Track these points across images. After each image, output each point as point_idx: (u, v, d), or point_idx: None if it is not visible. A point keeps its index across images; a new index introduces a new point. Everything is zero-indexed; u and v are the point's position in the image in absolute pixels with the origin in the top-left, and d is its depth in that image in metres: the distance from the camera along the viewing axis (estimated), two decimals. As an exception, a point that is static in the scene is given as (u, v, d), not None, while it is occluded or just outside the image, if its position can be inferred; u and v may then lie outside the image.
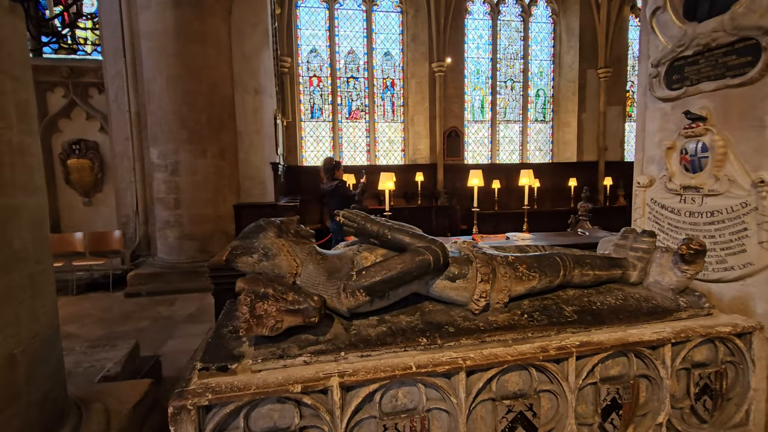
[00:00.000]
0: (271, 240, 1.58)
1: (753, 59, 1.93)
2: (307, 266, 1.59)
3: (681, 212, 2.29)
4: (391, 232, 1.64)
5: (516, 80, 10.48)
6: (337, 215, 1.74)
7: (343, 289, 1.51)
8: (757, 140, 1.93)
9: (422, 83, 9.63)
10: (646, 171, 2.57)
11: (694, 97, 2.22)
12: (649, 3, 2.47)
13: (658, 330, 1.69)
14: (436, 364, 1.43)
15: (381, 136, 10.15)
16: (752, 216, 1.94)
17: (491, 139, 10.46)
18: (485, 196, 9.04)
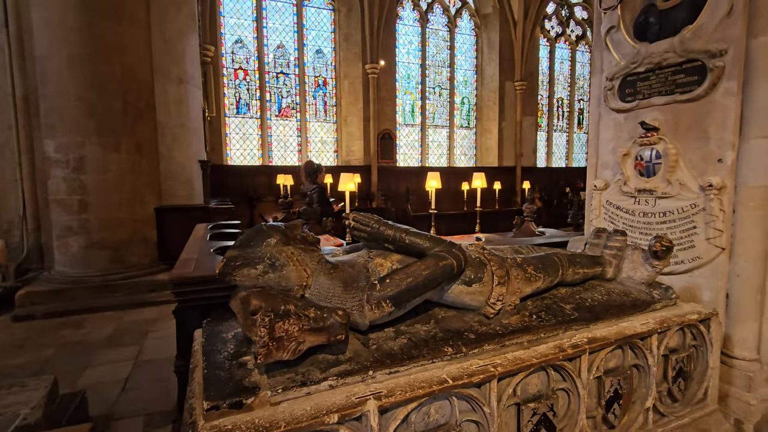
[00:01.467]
0: (278, 248, 1.37)
1: (699, 78, 2.20)
2: (318, 277, 1.41)
3: (635, 213, 2.54)
4: (408, 235, 1.54)
5: (443, 87, 10.95)
6: (347, 218, 1.58)
7: (366, 301, 1.37)
8: (703, 150, 2.21)
9: (355, 84, 9.55)
10: (600, 175, 2.80)
11: (646, 109, 2.47)
12: (604, 21, 2.71)
13: (644, 322, 1.83)
14: (470, 375, 1.36)
15: (313, 136, 9.84)
16: (701, 216, 2.21)
17: (421, 143, 10.78)
18: (421, 197, 9.28)
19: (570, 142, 12.76)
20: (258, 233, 1.39)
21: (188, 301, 1.88)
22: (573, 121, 12.71)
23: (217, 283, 1.92)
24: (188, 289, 1.84)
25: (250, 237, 1.39)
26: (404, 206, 8.65)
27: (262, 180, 8.92)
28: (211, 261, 2.18)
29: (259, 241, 1.36)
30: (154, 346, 3.63)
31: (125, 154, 5.01)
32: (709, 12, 2.14)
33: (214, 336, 1.53)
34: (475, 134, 11.46)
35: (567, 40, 12.25)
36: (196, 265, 2.03)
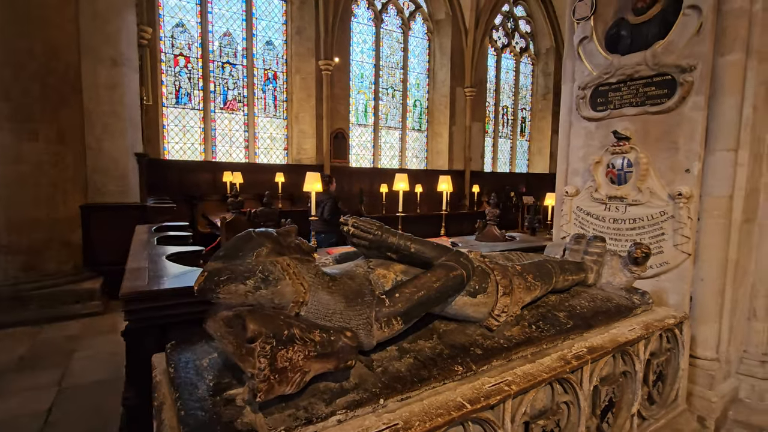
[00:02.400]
0: (272, 259, 1.16)
1: (669, 92, 2.31)
2: (316, 292, 1.22)
3: (606, 219, 2.61)
4: (414, 243, 1.40)
5: (396, 89, 10.96)
6: (345, 224, 1.40)
7: (375, 319, 1.21)
8: (672, 159, 2.32)
9: (308, 80, 9.22)
10: (571, 182, 2.87)
11: (617, 119, 2.55)
12: (576, 31, 2.77)
13: (631, 328, 1.86)
14: (487, 396, 1.25)
15: (261, 132, 9.33)
16: (669, 223, 2.31)
17: (374, 144, 10.68)
18: (374, 199, 9.16)
19: (513, 149, 13.40)
20: (247, 241, 1.17)
21: (143, 321, 1.58)
22: (516, 129, 13.36)
23: (180, 297, 1.64)
24: (143, 306, 1.54)
25: (237, 246, 1.17)
26: (357, 208, 8.48)
27: (205, 177, 8.28)
28: (170, 271, 1.88)
29: (249, 251, 1.15)
30: (81, 369, 3.13)
31: (44, 144, 4.32)
32: (680, 29, 2.24)
33: (186, 364, 1.28)
34: (426, 137, 11.61)
35: (512, 52, 12.86)
36: (151, 277, 1.72)
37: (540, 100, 13.43)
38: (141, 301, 1.52)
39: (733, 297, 2.27)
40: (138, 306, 1.54)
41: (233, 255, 1.14)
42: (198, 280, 1.12)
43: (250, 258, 1.14)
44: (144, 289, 1.53)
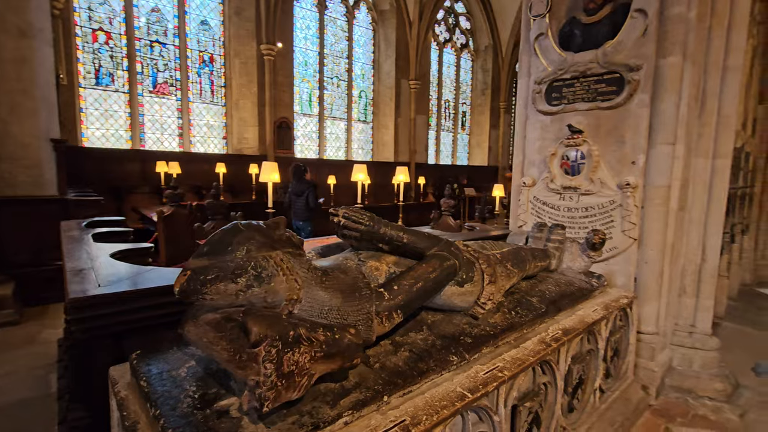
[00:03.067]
0: (264, 254, 1.06)
1: (618, 89, 2.49)
2: (310, 288, 1.15)
3: (560, 208, 2.77)
4: (406, 234, 1.36)
5: (342, 78, 10.75)
6: (335, 215, 1.31)
7: (376, 314, 1.15)
8: (620, 152, 2.51)
9: (249, 65, 8.70)
10: (527, 173, 3.00)
11: (571, 113, 2.70)
12: (533, 28, 2.88)
13: (594, 308, 1.99)
14: (484, 384, 1.26)
15: (197, 119, 8.67)
16: (618, 211, 2.50)
17: (319, 134, 10.42)
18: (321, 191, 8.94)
19: (455, 142, 13.84)
20: (234, 235, 1.06)
21: (93, 330, 1.37)
22: (458, 123, 13.81)
23: (139, 301, 1.45)
24: (95, 313, 1.34)
25: (224, 240, 1.05)
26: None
27: (133, 167, 7.51)
28: (121, 271, 1.65)
29: (239, 246, 1.04)
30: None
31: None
32: (628, 31, 2.42)
33: (159, 375, 1.13)
34: (372, 129, 11.57)
35: (453, 47, 13.21)
36: (102, 278, 1.49)
37: (479, 96, 13.99)
38: (93, 308, 1.32)
39: (670, 277, 2.53)
40: (88, 313, 1.33)
41: (220, 250, 1.02)
42: (179, 280, 0.99)
43: (240, 253, 1.03)
44: (96, 293, 1.32)
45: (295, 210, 5.61)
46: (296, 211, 5.59)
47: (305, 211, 5.49)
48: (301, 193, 5.50)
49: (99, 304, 1.32)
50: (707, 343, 2.60)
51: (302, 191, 5.49)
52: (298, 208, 5.55)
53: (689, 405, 2.42)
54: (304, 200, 5.45)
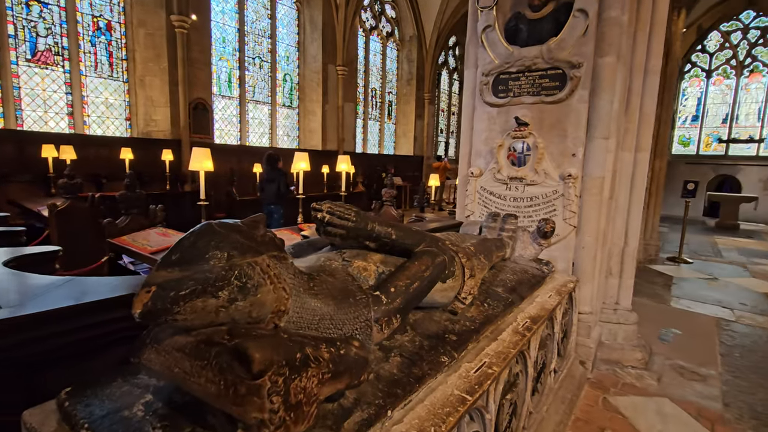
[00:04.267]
0: (249, 260, 0.89)
1: (560, 84, 2.61)
2: (298, 297, 1.00)
3: (507, 198, 2.87)
4: (395, 230, 1.25)
5: (264, 59, 10.06)
6: (320, 210, 1.15)
7: (375, 320, 1.04)
8: (562, 145, 2.65)
9: (156, 37, 7.69)
10: (474, 163, 3.05)
11: (517, 106, 2.79)
12: (480, 19, 2.90)
13: (549, 294, 2.08)
14: (479, 383, 1.22)
15: (93, 95, 7.47)
16: (560, 200, 2.66)
17: (240, 119, 9.67)
18: (244, 180, 8.34)
19: (382, 131, 13.89)
20: (210, 238, 0.86)
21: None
22: (384, 112, 13.85)
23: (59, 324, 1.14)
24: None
25: (197, 245, 0.85)
26: (228, 189, 7.61)
27: (5, 150, 6.24)
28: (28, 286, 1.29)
29: (218, 251, 0.85)
30: None
31: None
32: (570, 29, 2.54)
33: (105, 418, 0.89)
34: (298, 115, 11.07)
35: (379, 35, 13.13)
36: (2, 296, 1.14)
37: (405, 86, 14.16)
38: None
39: (600, 260, 2.76)
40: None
41: (194, 258, 0.82)
42: (141, 299, 0.77)
43: (220, 260, 0.84)
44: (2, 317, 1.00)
45: (266, 195, 6.07)
46: (267, 196, 6.04)
47: (275, 196, 5.96)
48: (273, 179, 5.98)
49: (3, 332, 1.01)
50: (629, 318, 2.91)
51: (274, 178, 5.97)
52: (270, 194, 6.00)
53: (618, 375, 2.69)
54: (275, 186, 5.93)
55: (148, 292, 0.77)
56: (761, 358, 3.09)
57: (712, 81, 12.67)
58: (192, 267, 0.81)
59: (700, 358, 3.01)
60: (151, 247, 2.65)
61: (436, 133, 15.81)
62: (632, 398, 2.43)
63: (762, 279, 5.36)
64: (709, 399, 2.48)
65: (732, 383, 2.67)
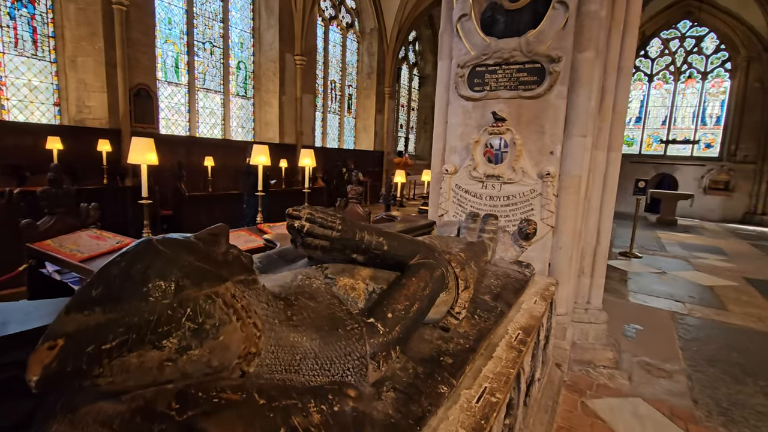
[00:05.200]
0: (207, 291, 0.65)
1: (539, 79, 2.52)
2: (273, 331, 0.78)
3: (483, 197, 2.75)
4: (386, 239, 1.04)
5: (216, 45, 9.39)
6: (297, 217, 0.92)
7: (372, 357, 0.83)
8: (540, 142, 2.56)
9: (90, 13, 6.88)
10: (448, 160, 2.90)
11: (494, 101, 2.67)
12: (455, 8, 2.74)
13: (534, 300, 1.97)
14: (484, 417, 1.05)
15: (13, 77, 6.57)
16: (537, 200, 2.57)
17: (189, 108, 8.98)
18: (195, 175, 7.75)
19: (341, 125, 13.55)
20: (150, 262, 0.62)
21: None
22: (344, 105, 13.51)
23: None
24: None
25: (131, 274, 0.60)
26: (175, 184, 7.01)
27: None
28: None
29: (163, 280, 0.61)
30: None
31: None
32: (549, 21, 2.44)
33: None
34: (253, 105, 10.48)
35: (339, 25, 12.75)
36: None
37: (365, 79, 13.88)
38: None
39: (575, 260, 2.72)
40: None
41: (125, 292, 0.58)
42: (40, 357, 0.53)
43: (164, 294, 0.59)
44: None
45: (247, 186, 6.35)
46: (247, 187, 6.32)
47: (252, 188, 5.95)
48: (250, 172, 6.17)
49: None
50: (599, 317, 2.91)
51: (252, 171, 6.10)
52: (250, 185, 6.17)
53: (591, 376, 2.67)
54: (254, 179, 5.83)
55: (52, 347, 0.52)
56: (716, 350, 3.22)
57: (654, 85, 13.53)
58: (122, 306, 0.56)
59: (663, 353, 3.08)
60: (81, 254, 2.25)
61: (396, 128, 15.70)
62: (608, 400, 2.40)
63: (704, 272, 5.72)
64: (678, 396, 2.51)
65: (695, 378, 2.74)
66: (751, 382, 2.72)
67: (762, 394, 2.58)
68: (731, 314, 4.04)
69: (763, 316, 4.02)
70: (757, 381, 2.74)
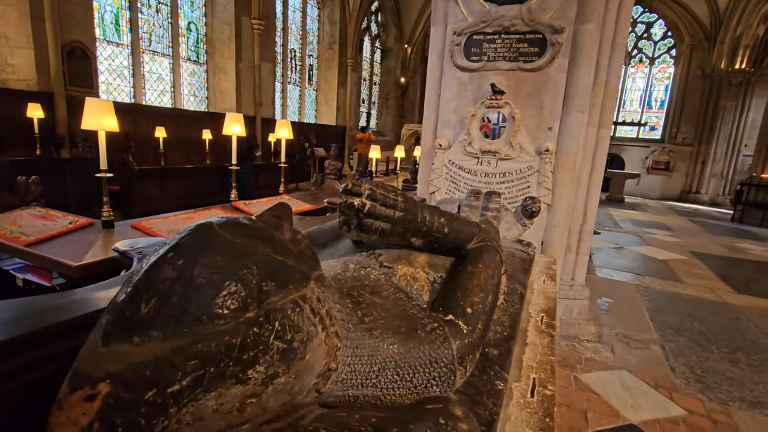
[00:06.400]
0: (294, 296, 0.48)
1: (540, 51, 2.41)
2: (349, 339, 0.62)
3: (478, 173, 2.65)
4: (446, 220, 0.89)
5: (162, 2, 8.44)
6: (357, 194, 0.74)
7: (460, 362, 0.69)
8: (538, 117, 2.49)
9: (8, -47, 5.87)
10: (441, 134, 2.76)
11: (492, 72, 2.54)
12: (453, -32, 2.54)
13: (542, 279, 1.92)
14: (547, 414, 0.96)
15: None
16: (534, 177, 2.52)
17: (134, 72, 8.08)
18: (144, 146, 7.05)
19: (302, 97, 12.93)
20: (220, 255, 0.42)
21: None
22: (305, 76, 12.86)
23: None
24: None
25: (196, 275, 0.40)
26: (122, 157, 6.34)
27: None
28: None
29: (241, 284, 0.42)
30: None
31: None
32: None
33: None
34: (206, 72, 9.65)
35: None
36: None
37: (326, 49, 13.24)
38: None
39: (566, 238, 2.73)
40: None
41: (191, 305, 0.39)
42: (74, 417, 0.34)
43: (245, 303, 0.41)
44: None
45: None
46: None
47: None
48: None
49: None
50: (583, 293, 2.97)
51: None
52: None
53: (578, 350, 2.73)
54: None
55: (91, 398, 0.33)
56: (679, 320, 3.43)
57: (607, 68, 14.07)
58: (190, 327, 0.38)
59: (636, 325, 3.23)
60: (26, 237, 1.90)
61: (358, 102, 15.27)
62: (597, 374, 2.47)
63: (656, 247, 6.12)
64: (657, 365, 2.63)
65: (668, 348, 2.89)
66: (715, 349, 2.92)
67: (727, 360, 2.77)
68: (687, 286, 4.34)
69: (714, 287, 4.35)
70: (721, 348, 2.94)
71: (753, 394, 2.38)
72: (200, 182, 7.14)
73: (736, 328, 3.34)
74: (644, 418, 2.09)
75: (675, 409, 2.18)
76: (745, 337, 3.16)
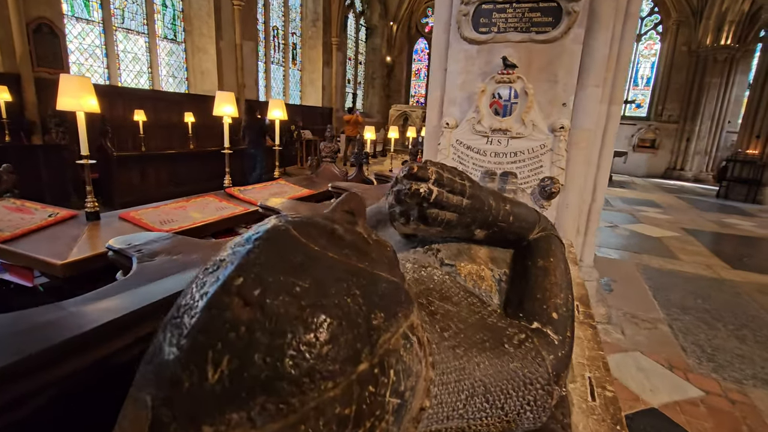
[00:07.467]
0: (404, 329, 0.33)
1: (554, 20, 2.26)
2: (438, 364, 0.49)
3: (487, 153, 2.53)
4: (511, 206, 0.76)
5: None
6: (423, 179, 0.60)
7: (556, 380, 0.58)
8: (551, 92, 2.36)
9: None
10: (447, 112, 2.61)
11: (502, 44, 2.38)
12: (460, -70, 2.35)
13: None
14: (617, 422, 0.86)
15: None
16: (548, 156, 2.40)
17: (107, 51, 7.60)
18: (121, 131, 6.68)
19: (286, 78, 12.48)
20: (311, 278, 0.27)
21: None
22: (288, 56, 12.39)
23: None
24: None
25: (281, 311, 0.25)
26: (100, 143, 5.99)
27: None
28: None
29: (348, 322, 0.27)
30: None
31: None
32: (570, -48, 2.16)
33: None
34: (185, 51, 9.17)
35: (279, -37, 11.39)
36: None
37: (310, 26, 12.74)
38: None
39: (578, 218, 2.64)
40: None
41: (276, 357, 0.24)
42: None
43: (356, 350, 0.27)
44: None
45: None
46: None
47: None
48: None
49: None
50: (592, 274, 2.91)
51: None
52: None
53: (589, 332, 2.68)
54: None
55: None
56: (682, 298, 3.43)
57: (594, 45, 13.95)
58: (285, 397, 0.23)
59: (641, 305, 3.21)
60: (1, 232, 1.70)
61: (344, 83, 14.86)
62: (612, 356, 2.43)
63: (649, 224, 6.15)
64: (668, 345, 2.61)
65: (676, 327, 2.88)
66: (722, 327, 2.92)
67: (735, 338, 2.77)
68: (684, 263, 4.36)
69: (710, 264, 4.39)
70: (727, 326, 2.95)
71: (765, 372, 2.37)
72: (184, 168, 6.84)
73: (737, 304, 3.35)
74: (664, 401, 2.05)
75: (693, 391, 2.15)
76: (747, 314, 3.17)
